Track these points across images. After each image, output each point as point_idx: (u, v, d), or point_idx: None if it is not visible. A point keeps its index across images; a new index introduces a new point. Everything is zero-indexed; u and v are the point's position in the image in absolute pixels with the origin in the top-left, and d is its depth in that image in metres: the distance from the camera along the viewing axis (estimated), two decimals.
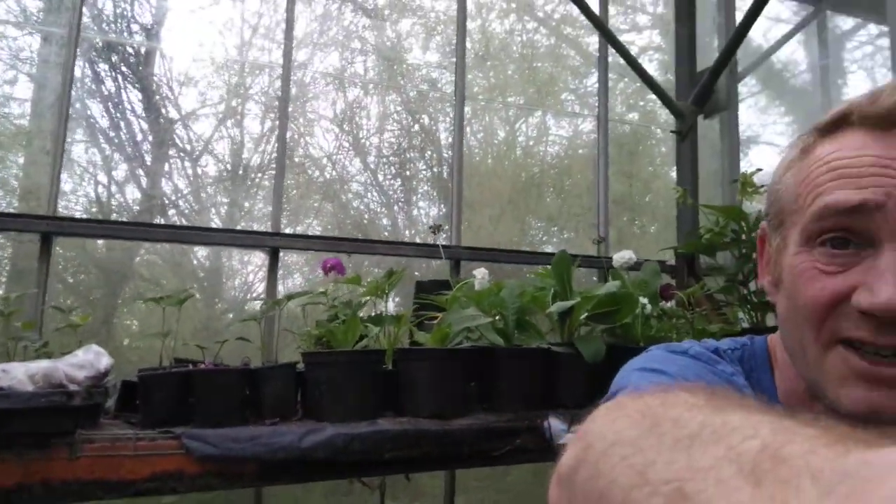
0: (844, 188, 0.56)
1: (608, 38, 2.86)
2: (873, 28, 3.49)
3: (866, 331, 0.55)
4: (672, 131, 3.26)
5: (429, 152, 3.07)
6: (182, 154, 2.74)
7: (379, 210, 3.08)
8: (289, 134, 2.59)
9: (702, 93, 3.08)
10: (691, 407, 0.33)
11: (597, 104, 3.23)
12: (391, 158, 3.05)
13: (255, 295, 2.84)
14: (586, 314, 1.63)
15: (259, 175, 2.82)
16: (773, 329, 0.68)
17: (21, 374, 1.18)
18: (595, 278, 2.96)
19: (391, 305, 2.09)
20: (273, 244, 2.44)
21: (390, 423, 1.43)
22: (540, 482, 2.90)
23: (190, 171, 2.78)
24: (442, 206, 3.03)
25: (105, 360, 1.33)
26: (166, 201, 2.63)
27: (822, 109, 3.30)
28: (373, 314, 1.87)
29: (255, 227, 2.70)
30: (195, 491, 1.28)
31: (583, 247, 3.07)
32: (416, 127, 3.08)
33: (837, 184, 0.56)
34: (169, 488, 1.26)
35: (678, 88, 3.31)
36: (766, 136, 3.81)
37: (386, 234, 3.03)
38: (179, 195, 2.74)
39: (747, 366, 0.68)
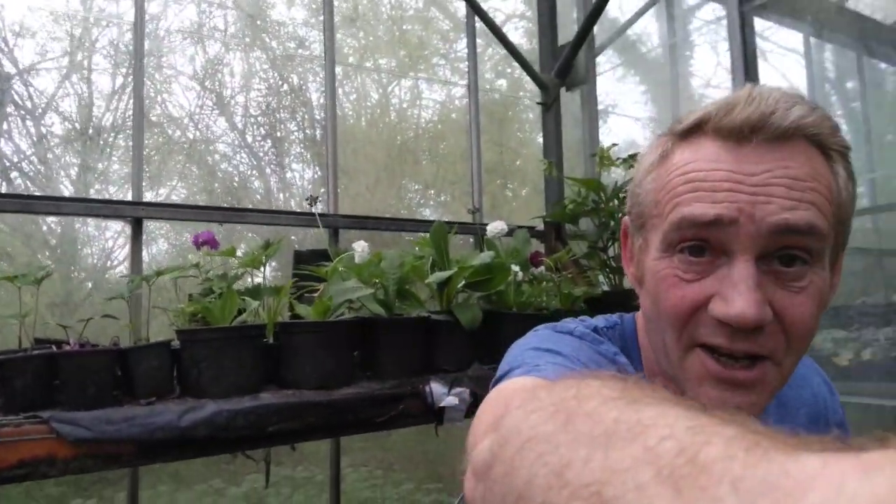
0: (701, 201, 0.61)
1: (471, 4, 2.91)
2: (715, 5, 3.79)
3: (722, 337, 0.60)
4: (538, 102, 3.40)
5: (300, 113, 3.01)
6: (22, 112, 2.50)
7: (249, 173, 2.99)
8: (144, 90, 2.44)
9: (563, 66, 3.24)
10: (605, 400, 0.33)
11: (467, 70, 3.29)
12: (260, 119, 2.96)
13: (115, 262, 2.69)
14: (463, 283, 1.72)
15: (113, 135, 2.63)
16: (632, 293, 0.75)
17: None
18: (471, 240, 3.07)
19: (269, 274, 2.06)
20: (136, 214, 2.29)
21: (274, 396, 1.43)
22: (421, 441, 3.02)
23: (33, 131, 2.54)
24: (317, 169, 2.99)
25: None
26: (7, 164, 2.39)
27: (671, 82, 3.59)
28: (250, 286, 1.84)
29: (112, 191, 2.54)
30: (70, 474, 1.23)
31: (458, 213, 3.16)
32: (286, 87, 3.00)
33: (695, 196, 0.61)
34: (40, 473, 1.20)
35: (542, 60, 3.44)
36: (623, 107, 4.06)
37: (258, 197, 2.96)
38: (22, 157, 2.50)
39: (620, 344, 0.75)
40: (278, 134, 2.98)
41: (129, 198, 2.31)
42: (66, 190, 2.50)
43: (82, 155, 2.52)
